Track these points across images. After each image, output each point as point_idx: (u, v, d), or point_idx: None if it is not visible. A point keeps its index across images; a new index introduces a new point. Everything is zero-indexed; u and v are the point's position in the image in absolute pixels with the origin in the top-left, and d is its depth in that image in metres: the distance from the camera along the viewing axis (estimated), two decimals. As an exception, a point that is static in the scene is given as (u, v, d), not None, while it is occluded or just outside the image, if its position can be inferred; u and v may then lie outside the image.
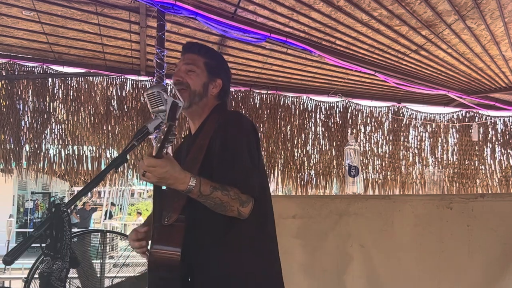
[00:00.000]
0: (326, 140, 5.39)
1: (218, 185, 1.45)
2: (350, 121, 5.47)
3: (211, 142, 1.57)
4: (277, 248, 1.66)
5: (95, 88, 4.67)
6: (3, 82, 4.40)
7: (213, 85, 1.72)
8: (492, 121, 5.58)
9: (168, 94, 1.53)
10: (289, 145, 5.28)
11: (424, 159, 5.59)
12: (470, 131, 5.53)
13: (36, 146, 4.46)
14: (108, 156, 4.66)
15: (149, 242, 1.61)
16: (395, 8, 3.24)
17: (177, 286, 1.50)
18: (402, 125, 5.61)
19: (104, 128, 4.67)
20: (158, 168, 1.37)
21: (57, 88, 4.60)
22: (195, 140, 1.65)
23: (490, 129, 5.61)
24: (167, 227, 1.47)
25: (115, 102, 4.73)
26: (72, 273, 3.10)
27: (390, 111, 5.56)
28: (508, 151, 5.56)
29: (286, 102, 5.29)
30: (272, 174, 5.17)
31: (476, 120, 5.56)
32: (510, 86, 4.61)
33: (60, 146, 4.55)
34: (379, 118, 5.56)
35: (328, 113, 5.42)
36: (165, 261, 1.44)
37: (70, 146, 4.58)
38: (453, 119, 5.67)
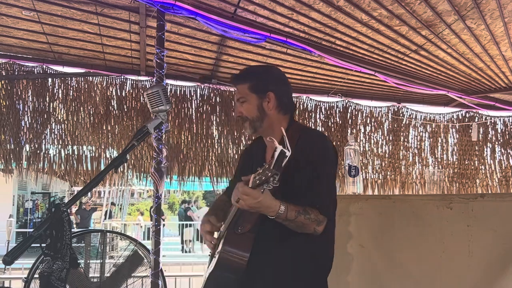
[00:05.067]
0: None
1: (302, 209, 1.56)
2: (350, 121, 5.46)
3: (290, 161, 1.64)
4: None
5: (95, 88, 4.67)
6: (3, 82, 4.40)
7: (266, 100, 1.76)
8: (492, 121, 5.58)
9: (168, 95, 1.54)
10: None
11: (424, 159, 5.59)
12: (470, 131, 5.53)
13: (36, 146, 4.45)
14: (108, 156, 4.66)
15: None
16: (395, 8, 3.24)
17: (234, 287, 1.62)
18: (402, 125, 5.60)
19: (104, 128, 4.66)
20: (251, 199, 1.47)
21: (57, 88, 4.59)
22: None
23: (490, 129, 5.61)
24: (239, 235, 1.61)
25: (115, 102, 4.73)
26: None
27: (390, 111, 5.56)
28: (508, 151, 5.56)
29: (286, 102, 5.28)
30: (272, 174, 5.16)
31: (476, 120, 5.56)
32: (510, 86, 4.60)
33: (60, 146, 4.55)
34: (379, 118, 5.56)
35: (328, 113, 5.42)
36: (232, 263, 1.58)
37: (70, 146, 4.57)
38: (453, 119, 5.67)
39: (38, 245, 1.45)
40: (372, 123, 5.55)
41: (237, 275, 1.59)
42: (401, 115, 5.59)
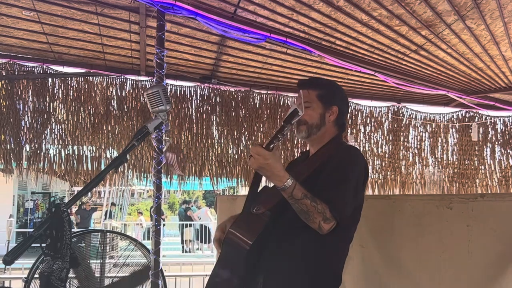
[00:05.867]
0: (326, 140, 5.39)
1: (310, 195, 1.56)
2: (350, 121, 5.46)
3: (321, 165, 1.71)
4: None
5: (95, 88, 4.67)
6: (3, 82, 4.40)
7: (330, 112, 1.82)
8: (492, 121, 5.58)
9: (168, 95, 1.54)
10: (289, 145, 5.28)
11: (424, 159, 5.59)
12: (470, 131, 5.53)
13: (36, 146, 4.46)
14: (108, 156, 4.67)
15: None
16: (395, 8, 3.24)
17: (241, 265, 1.61)
18: (402, 125, 5.61)
19: (104, 128, 4.67)
20: (261, 158, 1.51)
21: (57, 88, 4.60)
22: (308, 161, 1.81)
23: (490, 129, 5.62)
24: (252, 216, 1.62)
25: (115, 102, 4.73)
26: (72, 273, 3.10)
27: (390, 111, 5.56)
28: (508, 151, 5.56)
29: (286, 102, 5.29)
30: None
31: (476, 120, 5.56)
32: (510, 86, 4.60)
33: (60, 146, 4.55)
34: (379, 118, 5.56)
35: (328, 113, 5.42)
36: (235, 245, 1.57)
37: (70, 146, 4.58)
38: (453, 119, 5.67)
39: (38, 245, 1.45)
40: (372, 123, 5.55)
41: (240, 257, 1.57)
42: (401, 115, 5.60)
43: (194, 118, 4.95)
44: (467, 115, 5.63)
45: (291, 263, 1.66)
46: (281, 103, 5.26)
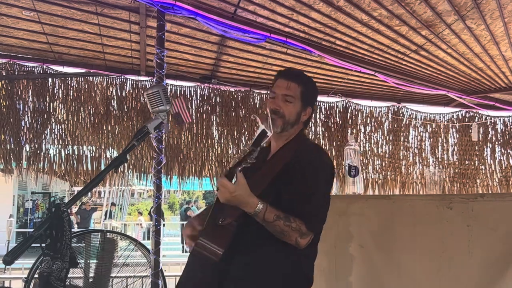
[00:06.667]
0: (326, 140, 5.39)
1: (283, 215, 1.54)
2: (350, 121, 5.46)
3: (284, 168, 1.65)
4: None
5: (95, 88, 4.67)
6: (3, 82, 4.40)
7: (305, 113, 1.79)
8: (492, 121, 5.58)
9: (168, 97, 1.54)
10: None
11: (424, 159, 5.59)
12: (470, 131, 5.53)
13: (36, 146, 4.45)
14: (108, 156, 4.66)
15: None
16: (395, 8, 3.24)
17: (207, 275, 1.59)
18: (402, 125, 5.60)
19: (104, 128, 4.67)
20: (227, 192, 1.48)
21: (57, 88, 4.59)
22: (272, 159, 1.75)
23: (490, 129, 5.61)
24: (219, 227, 1.56)
25: (115, 102, 4.73)
26: (72, 273, 3.11)
27: (390, 111, 5.55)
28: (508, 151, 5.56)
29: (286, 102, 5.28)
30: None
31: (476, 120, 5.56)
32: (510, 86, 4.60)
33: (60, 146, 4.55)
34: (379, 118, 5.56)
35: (328, 113, 5.42)
36: (204, 257, 1.53)
37: (70, 146, 4.57)
38: (453, 119, 5.67)
39: (38, 245, 1.45)
40: (372, 123, 5.54)
41: (208, 268, 1.55)
42: (401, 115, 5.59)
43: (194, 118, 4.94)
44: (467, 115, 5.63)
45: (263, 270, 1.62)
46: (281, 103, 5.25)
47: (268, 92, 1.88)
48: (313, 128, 5.36)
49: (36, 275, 3.21)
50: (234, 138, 5.05)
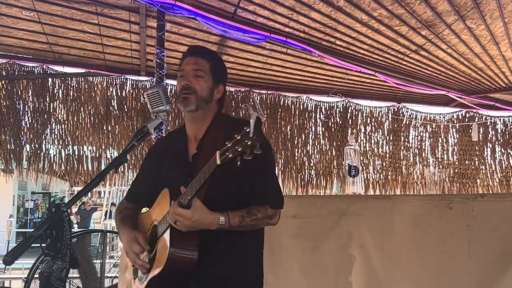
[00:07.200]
0: (326, 140, 5.39)
1: (245, 212, 1.55)
2: (350, 121, 5.46)
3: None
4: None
5: (95, 88, 4.67)
6: (3, 82, 4.40)
7: (217, 90, 1.73)
8: (492, 121, 5.58)
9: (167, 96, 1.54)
10: (289, 145, 5.27)
11: (424, 159, 5.59)
12: (470, 131, 5.52)
13: (37, 146, 4.45)
14: (108, 156, 4.66)
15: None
16: (395, 8, 3.24)
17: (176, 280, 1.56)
18: (402, 125, 5.60)
19: (104, 128, 4.66)
20: (185, 220, 1.44)
21: (57, 88, 4.59)
22: (202, 146, 1.66)
23: (490, 129, 5.61)
24: (184, 233, 1.50)
25: (115, 102, 4.73)
26: (73, 273, 3.10)
27: (390, 111, 5.55)
28: (508, 151, 5.56)
29: (286, 102, 5.28)
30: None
31: (476, 120, 5.56)
32: (510, 86, 4.60)
33: (60, 146, 4.55)
34: (379, 118, 5.55)
35: (328, 113, 5.42)
36: (183, 261, 1.50)
37: (70, 146, 4.57)
38: (453, 119, 5.67)
39: (38, 245, 1.45)
40: (372, 123, 5.54)
41: (189, 270, 1.52)
42: (401, 115, 5.59)
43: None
44: (467, 115, 5.63)
45: (235, 265, 1.61)
46: (281, 103, 5.26)
47: (267, 92, 1.86)
48: (313, 128, 5.36)
49: (36, 275, 3.21)
50: (234, 138, 5.04)
